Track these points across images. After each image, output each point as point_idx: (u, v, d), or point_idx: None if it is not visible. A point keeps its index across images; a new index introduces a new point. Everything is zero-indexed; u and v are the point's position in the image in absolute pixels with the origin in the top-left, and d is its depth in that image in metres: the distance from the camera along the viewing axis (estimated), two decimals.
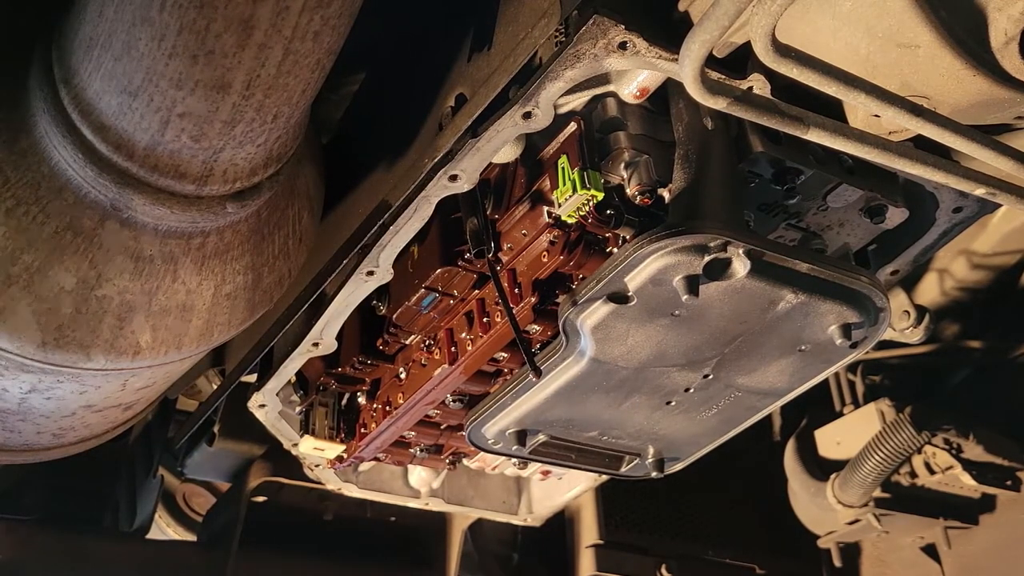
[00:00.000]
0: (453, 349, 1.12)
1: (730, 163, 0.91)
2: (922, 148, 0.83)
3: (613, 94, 0.88)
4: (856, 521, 2.03)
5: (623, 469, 1.20)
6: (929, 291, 1.91)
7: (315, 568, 1.89)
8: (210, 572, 1.77)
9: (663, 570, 1.91)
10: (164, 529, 2.32)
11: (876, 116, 0.76)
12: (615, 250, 0.96)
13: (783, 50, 0.67)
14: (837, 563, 2.19)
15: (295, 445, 1.37)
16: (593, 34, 0.76)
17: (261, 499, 1.87)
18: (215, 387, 1.33)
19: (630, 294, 0.89)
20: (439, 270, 1.05)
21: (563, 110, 0.87)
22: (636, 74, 0.85)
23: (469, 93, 0.87)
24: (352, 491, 1.57)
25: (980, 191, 0.88)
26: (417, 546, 1.93)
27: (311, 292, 1.05)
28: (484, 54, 0.86)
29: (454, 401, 1.22)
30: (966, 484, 1.95)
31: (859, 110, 0.86)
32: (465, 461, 1.49)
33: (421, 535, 1.93)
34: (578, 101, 0.88)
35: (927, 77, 0.76)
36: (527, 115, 0.82)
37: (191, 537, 2.29)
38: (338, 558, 1.90)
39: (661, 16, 0.81)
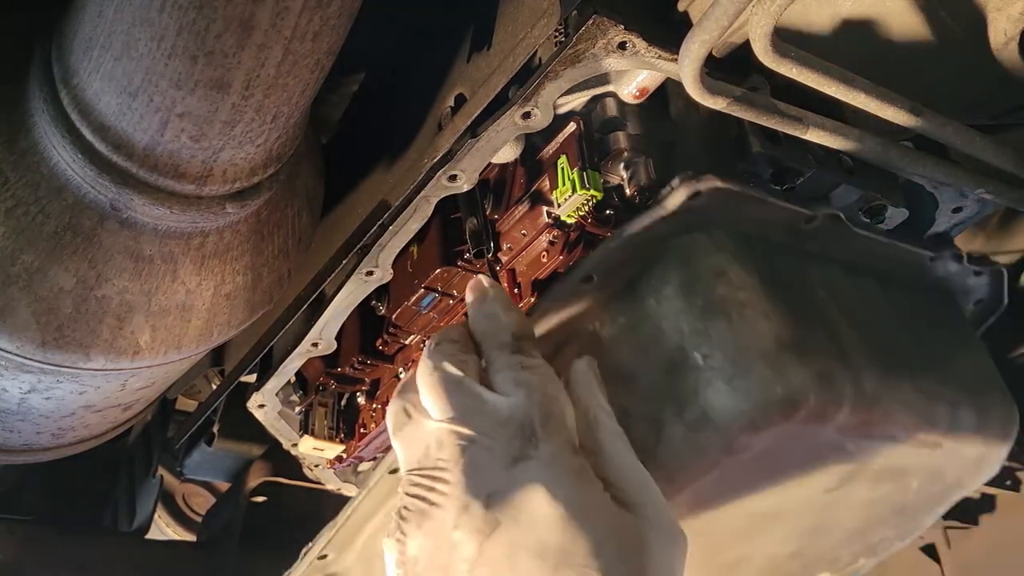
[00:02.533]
0: None
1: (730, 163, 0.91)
2: (922, 148, 0.83)
3: (612, 94, 0.88)
4: None
5: None
6: None
7: None
8: (210, 572, 1.77)
9: None
10: (163, 529, 2.32)
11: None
12: None
13: (783, 50, 0.67)
14: None
15: (294, 445, 1.37)
16: (592, 34, 0.76)
17: (261, 499, 1.87)
18: (215, 387, 1.32)
19: None
20: (438, 270, 1.05)
21: (562, 110, 0.87)
22: (636, 74, 0.85)
23: (468, 93, 0.87)
24: (352, 491, 1.56)
25: (980, 191, 0.88)
26: None
27: (311, 292, 1.05)
28: (483, 54, 0.86)
29: None
30: None
31: None
32: None
33: None
34: (577, 101, 0.88)
35: (927, 77, 0.76)
36: (526, 115, 0.82)
37: (191, 537, 2.29)
38: None
39: (660, 16, 0.81)
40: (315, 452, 1.35)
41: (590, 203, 0.89)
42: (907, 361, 0.87)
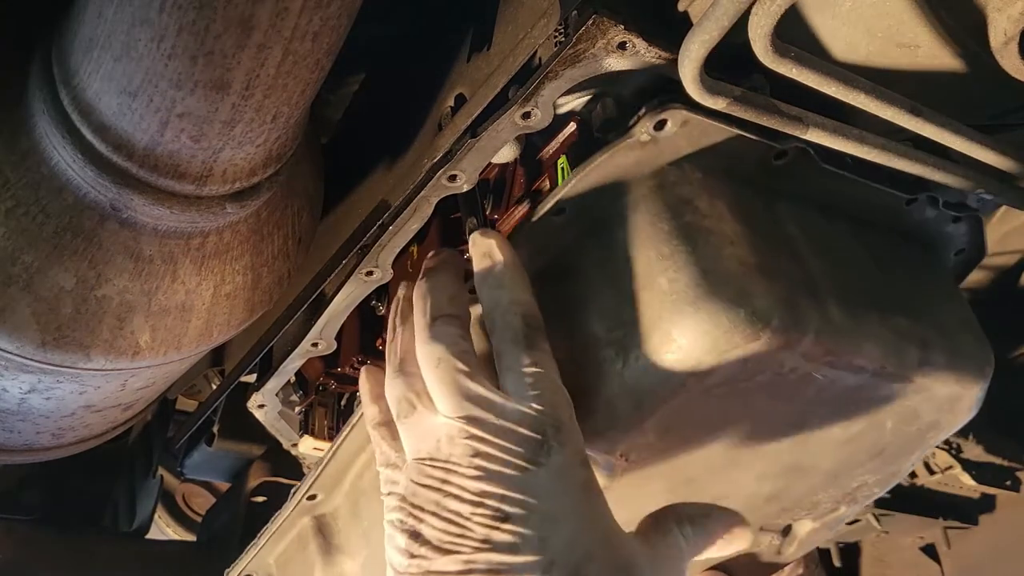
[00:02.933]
0: None
1: None
2: (922, 148, 0.83)
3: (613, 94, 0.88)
4: (856, 521, 2.03)
5: None
6: None
7: None
8: (210, 572, 1.77)
9: None
10: (164, 529, 2.33)
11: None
12: None
13: (783, 50, 0.67)
14: (837, 563, 2.19)
15: (294, 445, 1.37)
16: (592, 34, 0.76)
17: (261, 499, 1.87)
18: (215, 387, 1.32)
19: None
20: None
21: (562, 110, 0.87)
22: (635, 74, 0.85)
23: (469, 93, 0.87)
24: None
25: (980, 191, 0.88)
26: None
27: (311, 292, 1.05)
28: (484, 54, 0.86)
29: None
30: (966, 484, 1.95)
31: None
32: None
33: None
34: (577, 101, 0.88)
35: (927, 77, 0.76)
36: (526, 115, 0.82)
37: (191, 537, 2.29)
38: None
39: (660, 16, 0.81)
40: (315, 452, 1.35)
41: None
42: (878, 299, 0.88)
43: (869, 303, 0.86)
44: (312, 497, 1.09)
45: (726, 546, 0.84)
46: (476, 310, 0.85)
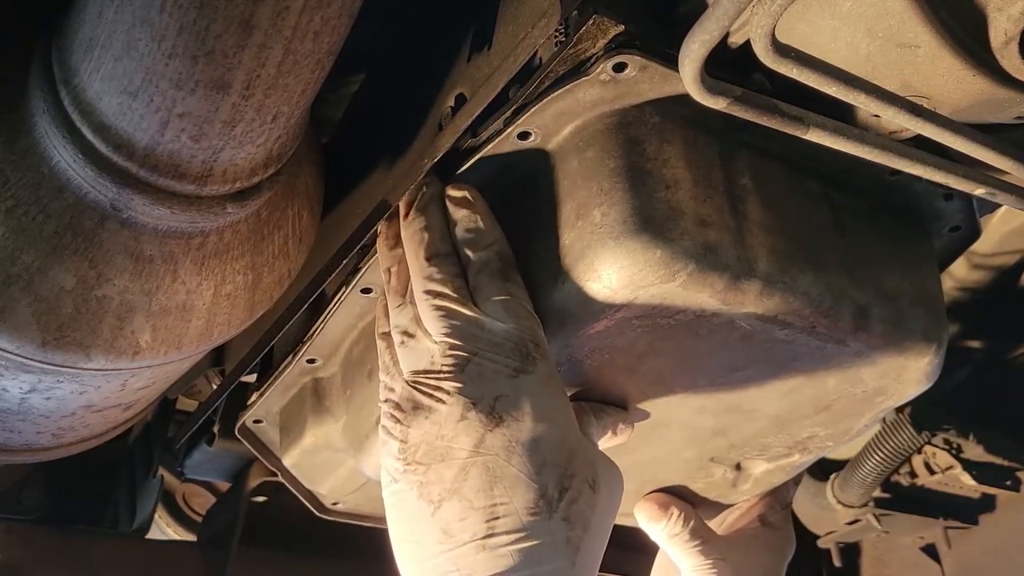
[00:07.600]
0: None
1: None
2: (922, 148, 0.83)
3: None
4: (856, 521, 2.02)
5: None
6: None
7: (315, 568, 1.89)
8: (210, 572, 1.77)
9: None
10: (164, 529, 2.32)
11: (876, 116, 0.76)
12: None
13: (783, 50, 0.67)
14: (837, 563, 2.19)
15: None
16: (592, 34, 0.76)
17: (261, 499, 1.87)
18: (215, 387, 1.32)
19: None
20: None
21: None
22: None
23: (469, 93, 0.87)
24: None
25: (980, 191, 0.88)
26: None
27: (311, 292, 1.05)
28: (484, 54, 0.86)
29: None
30: (966, 484, 1.94)
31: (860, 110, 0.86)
32: None
33: None
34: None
35: (927, 77, 0.76)
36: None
37: (191, 537, 2.29)
38: (338, 558, 1.90)
39: (661, 16, 0.81)
40: None
41: None
42: (820, 260, 0.90)
43: (808, 262, 0.89)
44: (312, 361, 1.16)
45: (614, 439, 0.96)
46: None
